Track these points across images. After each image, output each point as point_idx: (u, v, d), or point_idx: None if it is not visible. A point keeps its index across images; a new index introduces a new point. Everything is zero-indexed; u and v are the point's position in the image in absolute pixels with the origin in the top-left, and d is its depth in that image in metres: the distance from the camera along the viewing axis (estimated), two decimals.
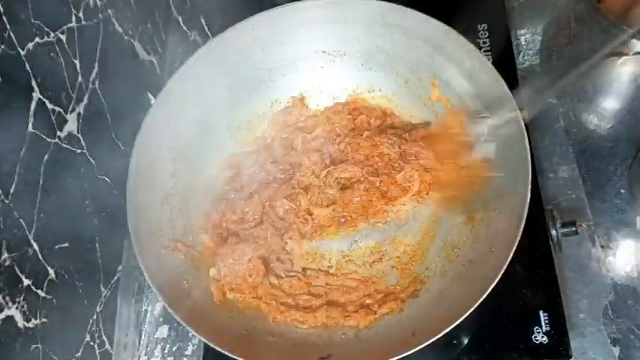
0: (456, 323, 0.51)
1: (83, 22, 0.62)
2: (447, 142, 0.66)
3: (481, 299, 0.51)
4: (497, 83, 0.60)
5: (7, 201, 0.48)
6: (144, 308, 0.75)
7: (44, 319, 0.53)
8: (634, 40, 0.71)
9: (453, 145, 0.66)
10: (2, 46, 0.48)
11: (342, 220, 0.68)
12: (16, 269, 0.50)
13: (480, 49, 0.72)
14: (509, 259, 0.52)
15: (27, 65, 0.52)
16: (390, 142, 0.68)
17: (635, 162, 0.73)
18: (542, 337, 0.62)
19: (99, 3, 0.66)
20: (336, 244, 0.68)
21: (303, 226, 0.67)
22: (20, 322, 0.50)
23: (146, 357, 0.72)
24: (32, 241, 0.52)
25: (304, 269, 0.67)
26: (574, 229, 0.65)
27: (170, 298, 0.57)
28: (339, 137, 0.71)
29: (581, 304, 0.67)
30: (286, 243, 0.67)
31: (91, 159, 0.63)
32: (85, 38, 0.62)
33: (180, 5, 0.93)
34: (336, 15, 0.68)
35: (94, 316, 0.63)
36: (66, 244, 0.58)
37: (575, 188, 0.74)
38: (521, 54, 0.83)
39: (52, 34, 0.56)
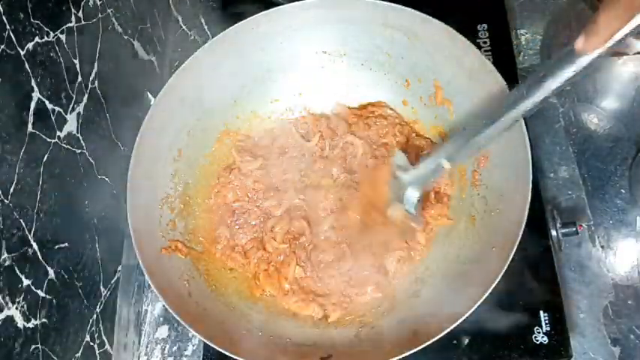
0: (457, 323, 0.51)
1: (83, 22, 0.62)
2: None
3: (482, 299, 0.51)
4: (497, 83, 0.60)
5: (7, 201, 0.48)
6: (144, 308, 0.75)
7: (44, 319, 0.53)
8: (634, 40, 0.71)
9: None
10: (2, 46, 0.48)
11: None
12: (16, 269, 0.49)
13: (480, 49, 0.72)
14: (510, 259, 0.52)
15: (27, 65, 0.52)
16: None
17: (635, 162, 0.73)
18: (542, 337, 0.62)
19: (99, 3, 0.66)
20: None
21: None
22: (20, 322, 0.50)
23: (146, 357, 0.72)
24: (32, 241, 0.52)
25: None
26: (574, 229, 0.65)
27: (170, 298, 0.57)
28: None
29: (581, 304, 0.68)
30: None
31: (91, 159, 0.63)
32: (85, 38, 0.62)
33: (180, 5, 0.93)
34: (336, 15, 0.68)
35: (94, 316, 0.63)
36: (66, 244, 0.58)
37: (575, 188, 0.74)
38: (521, 54, 0.83)
39: (52, 34, 0.56)
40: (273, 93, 0.75)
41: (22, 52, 0.51)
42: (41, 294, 0.53)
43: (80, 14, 0.61)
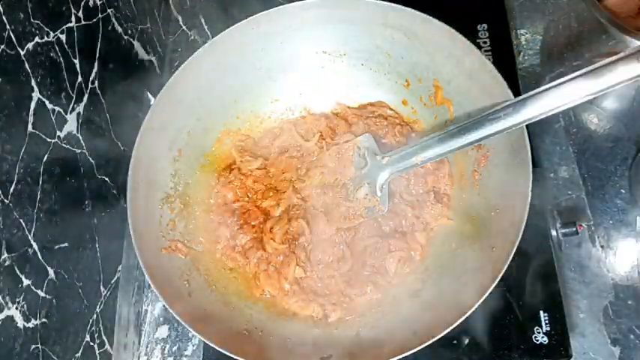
0: (457, 323, 0.51)
1: (83, 22, 0.62)
2: None
3: (482, 299, 0.51)
4: (497, 83, 0.60)
5: (7, 201, 0.48)
6: (144, 308, 0.75)
7: (44, 319, 0.53)
8: (634, 40, 0.71)
9: None
10: (2, 46, 0.48)
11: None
12: (16, 269, 0.49)
13: (480, 49, 0.72)
14: (510, 259, 0.52)
15: (27, 65, 0.52)
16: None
17: (635, 162, 0.73)
18: (542, 337, 0.62)
19: (99, 3, 0.66)
20: None
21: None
22: (20, 322, 0.50)
23: (146, 357, 0.72)
24: (32, 241, 0.52)
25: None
26: (574, 229, 0.65)
27: (170, 298, 0.57)
28: None
29: (581, 304, 0.68)
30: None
31: (90, 159, 0.63)
32: (85, 38, 0.62)
33: (180, 5, 0.93)
34: (336, 15, 0.68)
35: (94, 316, 0.63)
36: (66, 244, 0.58)
37: (575, 188, 0.74)
38: (521, 54, 0.83)
39: (52, 34, 0.56)
40: (273, 93, 0.75)
41: (22, 52, 0.51)
42: (41, 294, 0.53)
43: (80, 14, 0.61)
